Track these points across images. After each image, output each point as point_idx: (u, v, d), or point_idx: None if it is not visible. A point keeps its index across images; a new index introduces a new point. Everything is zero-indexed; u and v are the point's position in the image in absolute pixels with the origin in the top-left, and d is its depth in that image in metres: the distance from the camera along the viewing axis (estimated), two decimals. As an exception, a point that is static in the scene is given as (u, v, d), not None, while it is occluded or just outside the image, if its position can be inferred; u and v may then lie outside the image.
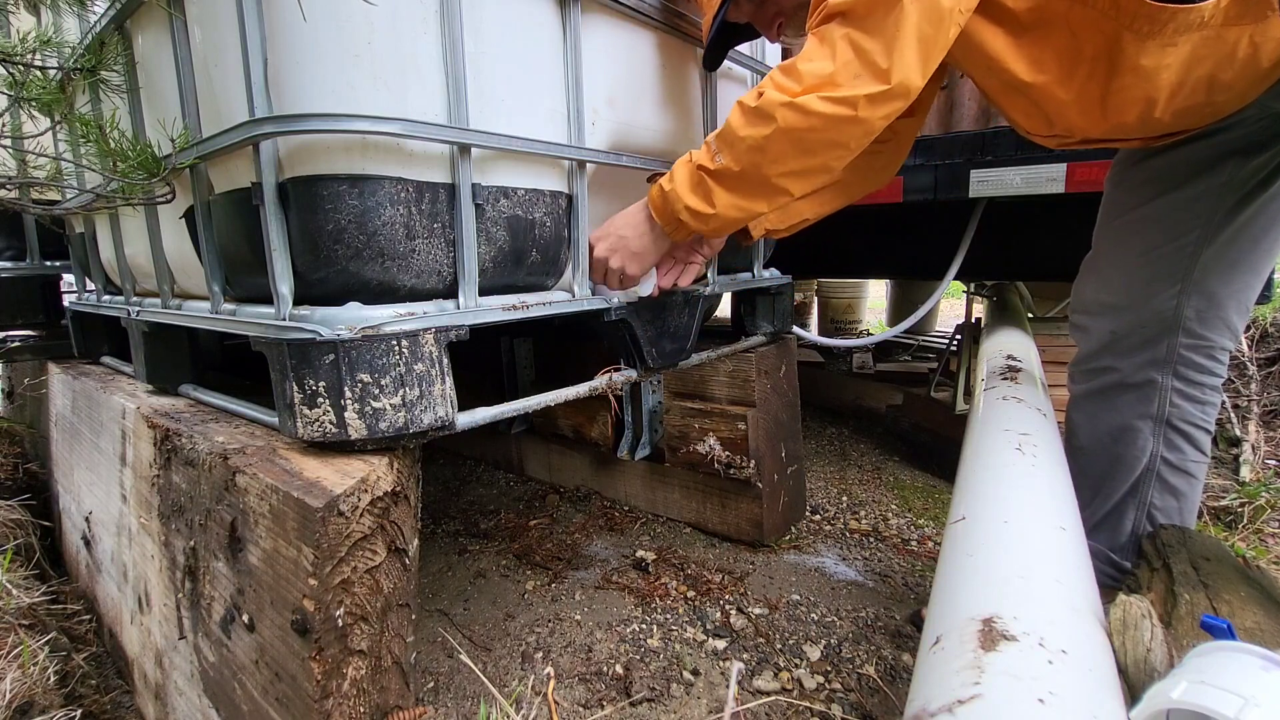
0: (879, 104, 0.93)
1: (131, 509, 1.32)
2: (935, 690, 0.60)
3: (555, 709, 1.24)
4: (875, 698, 1.26)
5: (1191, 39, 0.90)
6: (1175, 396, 1.16)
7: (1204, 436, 1.19)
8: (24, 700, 1.15)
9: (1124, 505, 1.23)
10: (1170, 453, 1.19)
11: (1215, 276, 1.09)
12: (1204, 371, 1.15)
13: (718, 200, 1.05)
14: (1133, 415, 1.19)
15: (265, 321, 1.01)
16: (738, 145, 1.00)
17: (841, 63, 0.92)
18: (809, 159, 0.99)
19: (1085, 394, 1.26)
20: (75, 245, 1.94)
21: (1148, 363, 1.16)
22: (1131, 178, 1.19)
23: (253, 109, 0.91)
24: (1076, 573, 0.77)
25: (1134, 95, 0.97)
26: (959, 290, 3.99)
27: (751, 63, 1.73)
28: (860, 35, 0.91)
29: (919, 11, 0.89)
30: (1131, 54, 0.93)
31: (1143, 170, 1.16)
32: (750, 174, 1.02)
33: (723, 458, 1.80)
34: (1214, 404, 1.18)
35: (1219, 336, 1.13)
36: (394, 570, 0.95)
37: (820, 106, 0.93)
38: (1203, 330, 1.12)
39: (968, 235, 2.29)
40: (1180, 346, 1.14)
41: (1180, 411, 1.17)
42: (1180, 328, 1.13)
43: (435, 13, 0.98)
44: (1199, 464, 1.20)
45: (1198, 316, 1.12)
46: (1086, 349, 1.26)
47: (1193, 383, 1.16)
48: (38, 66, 1.11)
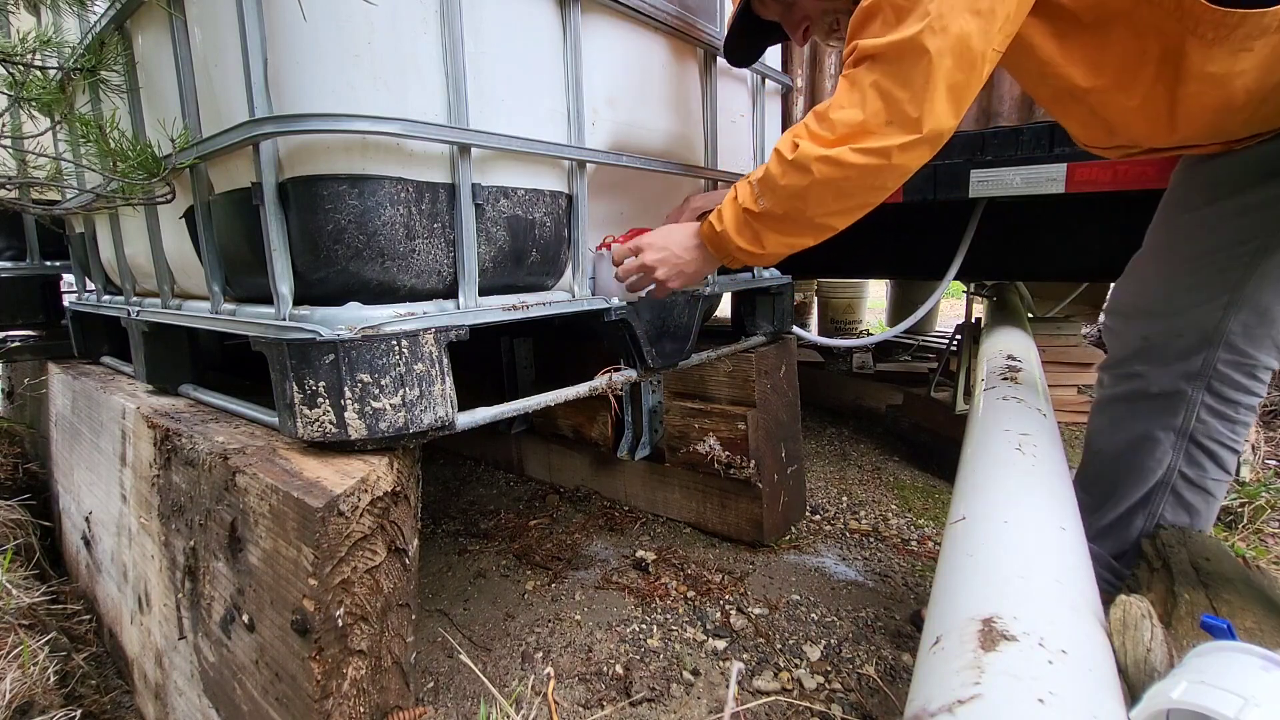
0: (911, 151, 0.91)
1: (131, 509, 1.32)
2: (935, 690, 0.60)
3: (555, 709, 1.24)
4: (875, 698, 1.26)
5: (1270, 42, 0.84)
6: (1204, 412, 1.11)
7: (1230, 456, 1.13)
8: (24, 700, 1.15)
9: (1133, 514, 1.20)
10: (1190, 468, 1.14)
11: (1271, 290, 1.02)
12: (1241, 390, 1.09)
13: (767, 241, 1.07)
14: (1155, 425, 1.15)
15: (265, 321, 1.01)
16: (779, 192, 1.00)
17: (871, 111, 0.90)
18: (848, 201, 0.99)
19: (1110, 399, 1.22)
20: (75, 245, 1.94)
21: (1180, 374, 1.11)
22: (1194, 177, 1.11)
23: (253, 109, 0.91)
24: (1076, 573, 0.77)
25: (1205, 103, 0.91)
26: (959, 290, 3.99)
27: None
28: (890, 83, 0.89)
29: (950, 59, 0.86)
30: (1197, 61, 0.87)
31: (1206, 171, 1.08)
32: (794, 216, 1.02)
33: (723, 458, 1.80)
34: (1246, 424, 1.12)
35: (1264, 355, 1.07)
36: (394, 570, 0.95)
37: (854, 158, 0.92)
38: (1247, 346, 1.06)
39: (968, 235, 2.29)
40: (1219, 361, 1.08)
41: (1207, 428, 1.12)
42: (1222, 341, 1.06)
43: (435, 13, 0.98)
44: (1219, 482, 1.15)
45: (1244, 331, 1.05)
46: (1117, 354, 1.21)
47: (1226, 400, 1.10)
48: (38, 66, 1.11)
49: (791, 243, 1.07)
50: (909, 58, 0.87)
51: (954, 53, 0.86)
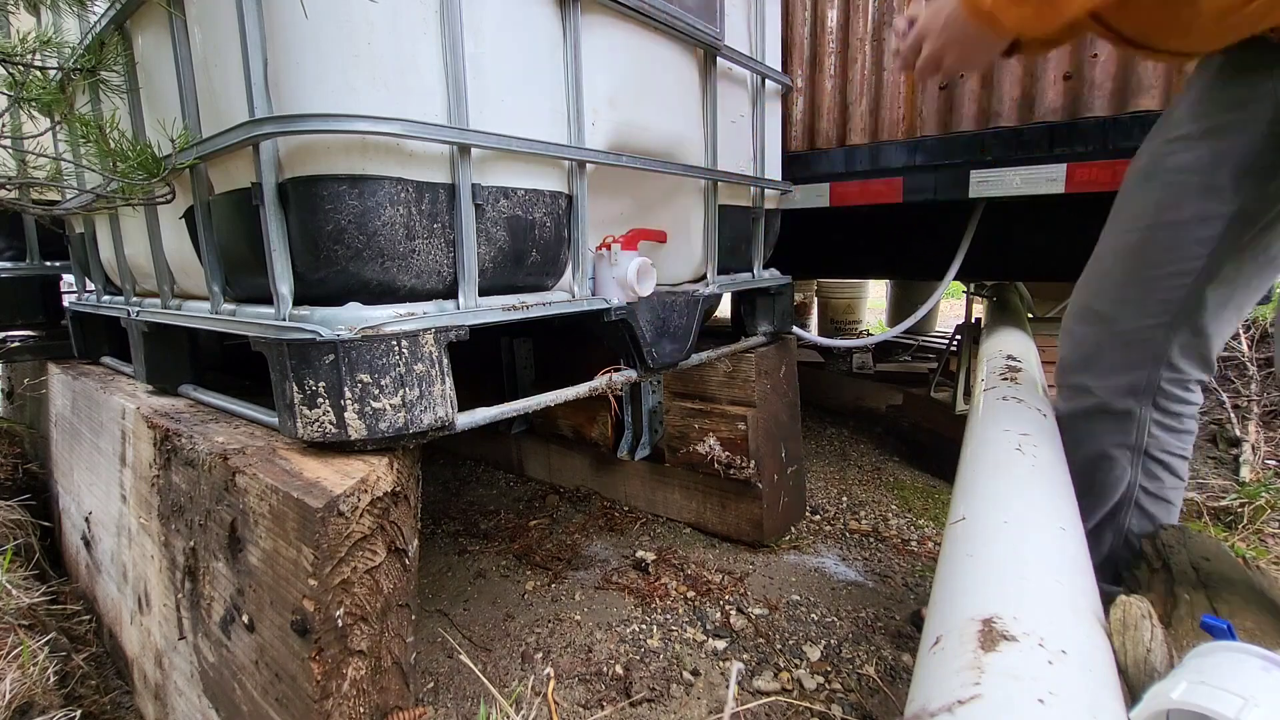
0: None
1: (131, 509, 1.32)
2: (935, 690, 0.60)
3: (555, 709, 1.24)
4: (875, 698, 1.26)
5: None
6: (1154, 427, 1.16)
7: (1182, 464, 1.20)
8: (24, 700, 1.15)
9: (1102, 529, 1.24)
10: (1149, 482, 1.19)
11: (1209, 313, 1.07)
12: (1181, 402, 1.15)
13: None
14: (1110, 444, 1.19)
15: (265, 322, 1.01)
16: None
17: None
18: None
19: (1067, 415, 1.25)
20: (75, 245, 1.94)
21: (1126, 391, 1.15)
22: (1149, 173, 1.10)
23: (253, 109, 0.91)
24: (1076, 573, 0.77)
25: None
26: (959, 290, 3.99)
27: (751, 63, 1.73)
28: None
29: None
30: None
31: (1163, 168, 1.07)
32: None
33: (723, 458, 1.80)
34: (1191, 432, 1.19)
35: (1194, 369, 1.13)
36: (394, 570, 0.95)
37: None
38: (1183, 363, 1.12)
39: (968, 235, 2.29)
40: (1162, 380, 1.13)
41: (1159, 442, 1.17)
42: (1165, 361, 1.11)
43: (435, 13, 0.98)
44: (1176, 490, 1.22)
45: (1181, 351, 1.11)
46: (1067, 357, 1.23)
47: (1171, 414, 1.16)
48: (38, 66, 1.11)
49: None
50: None
51: None
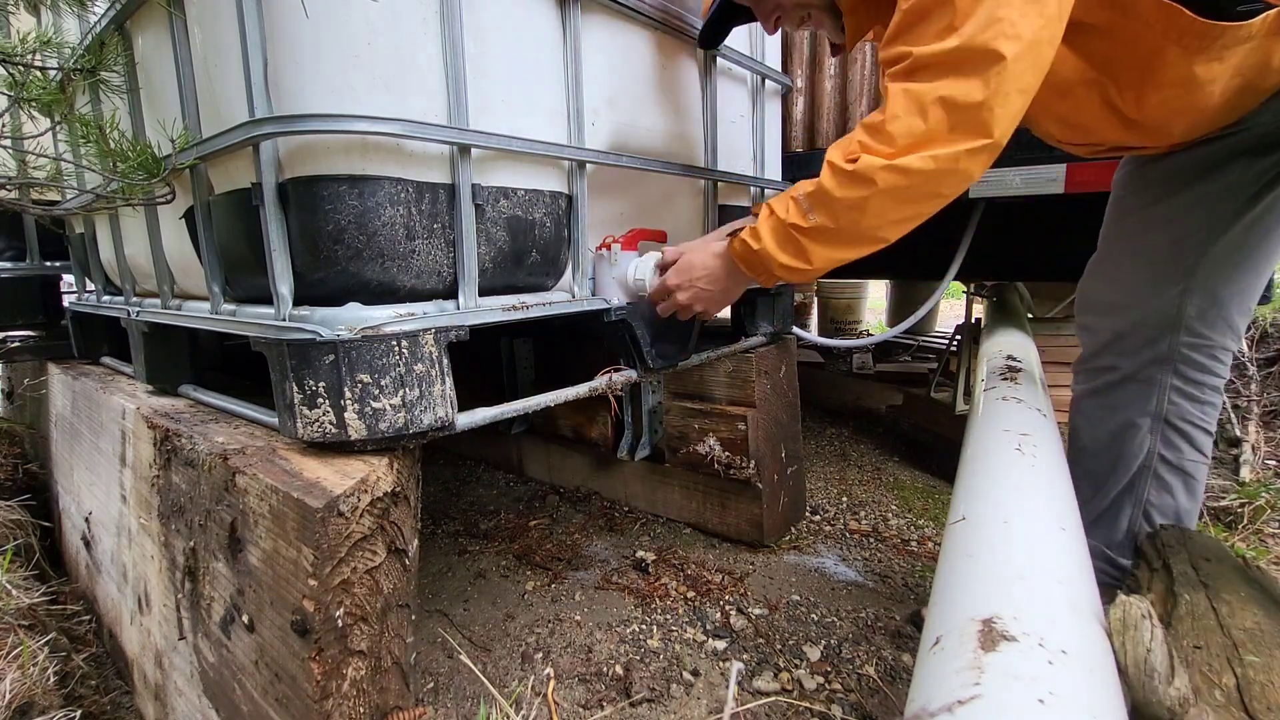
0: (978, 157, 0.90)
1: (131, 509, 1.32)
2: (935, 690, 0.60)
3: (555, 709, 1.24)
4: (875, 698, 1.26)
5: (1241, 51, 0.90)
6: (1174, 394, 1.17)
7: (1203, 437, 1.20)
8: (24, 701, 1.15)
9: (1121, 501, 1.25)
10: (1168, 450, 1.20)
11: (1219, 276, 1.10)
12: (1204, 371, 1.16)
13: (814, 256, 1.05)
14: (1133, 412, 1.21)
15: (265, 322, 1.01)
16: (835, 205, 0.99)
17: (934, 121, 0.88)
18: (907, 210, 0.98)
19: (1087, 393, 1.28)
20: (75, 245, 1.94)
21: (1149, 360, 1.17)
22: (1139, 179, 1.19)
23: (253, 109, 0.91)
24: (1077, 573, 0.77)
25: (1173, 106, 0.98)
26: (959, 290, 3.99)
27: (750, 63, 1.73)
28: (956, 92, 0.86)
29: (1025, 63, 0.83)
30: (1178, 67, 0.92)
31: (1151, 171, 1.17)
32: (848, 229, 1.01)
33: (723, 458, 1.80)
34: (1214, 405, 1.18)
35: (1220, 336, 1.14)
36: (394, 571, 0.95)
37: (921, 164, 0.91)
38: (1204, 329, 1.13)
39: (968, 235, 2.29)
40: (1181, 345, 1.15)
41: (1179, 410, 1.18)
42: (1182, 326, 1.13)
43: (435, 13, 0.98)
44: (1197, 464, 1.20)
45: (1199, 315, 1.12)
46: (1090, 348, 1.27)
47: (1192, 381, 1.16)
48: (38, 67, 1.11)
49: (839, 257, 1.06)
50: (980, 64, 0.84)
51: (1029, 56, 0.84)
